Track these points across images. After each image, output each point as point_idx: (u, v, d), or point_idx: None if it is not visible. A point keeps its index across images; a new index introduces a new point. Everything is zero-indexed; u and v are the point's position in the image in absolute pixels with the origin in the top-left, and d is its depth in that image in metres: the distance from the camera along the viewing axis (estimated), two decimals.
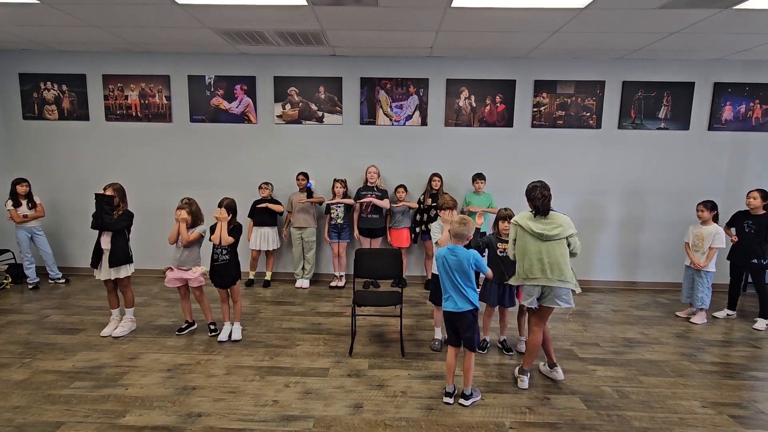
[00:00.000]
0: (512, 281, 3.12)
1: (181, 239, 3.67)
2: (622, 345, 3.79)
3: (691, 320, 4.37)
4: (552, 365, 3.18)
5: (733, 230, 4.50)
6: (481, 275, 3.03)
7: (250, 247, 5.18)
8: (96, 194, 3.56)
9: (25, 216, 4.97)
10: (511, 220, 3.10)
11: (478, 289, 5.22)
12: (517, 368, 3.20)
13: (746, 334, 4.12)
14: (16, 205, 4.94)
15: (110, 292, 3.80)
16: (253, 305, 4.62)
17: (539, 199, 2.96)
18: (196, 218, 3.72)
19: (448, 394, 2.85)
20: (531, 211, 3.01)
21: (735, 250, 4.46)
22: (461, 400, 2.82)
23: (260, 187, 5.16)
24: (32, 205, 5.03)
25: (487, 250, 3.51)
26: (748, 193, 4.35)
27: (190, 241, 3.67)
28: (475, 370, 3.25)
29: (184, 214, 3.62)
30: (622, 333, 4.05)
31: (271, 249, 5.23)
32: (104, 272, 3.67)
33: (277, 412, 2.69)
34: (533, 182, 3.09)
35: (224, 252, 3.64)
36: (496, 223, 3.55)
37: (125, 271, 3.73)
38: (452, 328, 2.86)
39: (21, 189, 4.94)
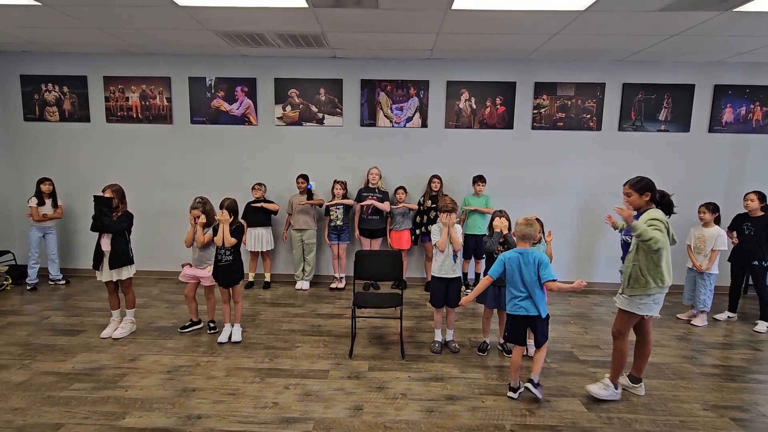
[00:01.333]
0: (656, 295, 2.78)
1: (197, 242, 3.73)
2: None
3: (692, 322, 4.36)
4: (637, 380, 3.03)
5: (734, 233, 4.50)
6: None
7: (246, 249, 5.16)
8: (94, 196, 3.56)
9: (45, 215, 5.02)
10: (657, 217, 2.72)
11: (470, 291, 5.24)
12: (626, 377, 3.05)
13: (747, 336, 4.11)
14: (41, 203, 4.99)
15: (111, 293, 3.80)
16: (253, 307, 4.61)
17: (668, 199, 2.87)
18: (210, 217, 3.78)
19: (513, 389, 2.91)
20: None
21: (735, 251, 4.46)
22: (528, 385, 2.84)
23: (253, 188, 5.16)
24: (55, 205, 5.11)
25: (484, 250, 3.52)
26: (745, 195, 4.36)
27: (205, 243, 3.74)
28: (474, 371, 3.27)
29: (202, 218, 3.70)
30: None
31: (265, 250, 5.22)
32: (105, 274, 3.67)
33: (277, 414, 2.68)
34: (646, 179, 2.82)
35: (227, 253, 3.65)
36: (491, 224, 3.55)
37: (127, 272, 3.74)
38: (522, 328, 2.90)
39: (44, 188, 5.01)
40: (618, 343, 2.91)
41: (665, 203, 2.86)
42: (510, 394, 2.91)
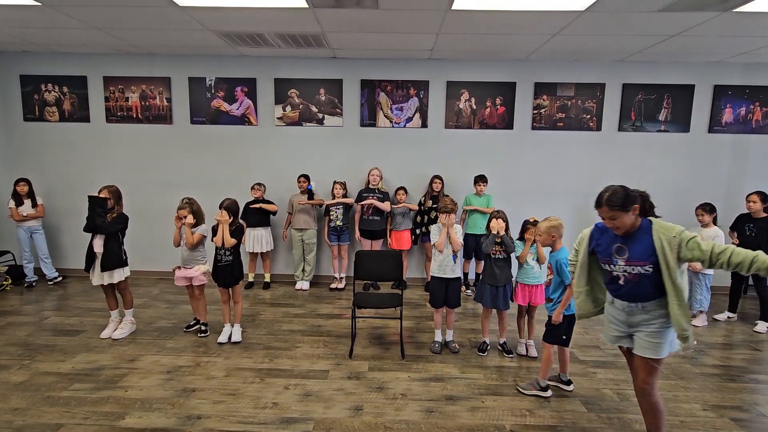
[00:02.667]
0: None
1: (186, 242, 3.69)
2: None
3: (691, 323, 4.35)
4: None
5: (734, 233, 4.48)
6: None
7: (246, 249, 5.16)
8: (89, 196, 3.53)
9: (25, 215, 5.01)
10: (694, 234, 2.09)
11: (470, 291, 5.28)
12: None
13: (747, 336, 4.11)
14: (18, 204, 4.99)
15: (108, 294, 3.79)
16: (253, 307, 4.61)
17: (650, 201, 2.25)
18: (198, 218, 3.74)
19: (546, 389, 2.95)
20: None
21: None
22: (566, 387, 3.03)
23: (253, 188, 5.15)
24: (34, 204, 5.09)
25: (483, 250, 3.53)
26: (747, 196, 4.33)
27: (194, 244, 3.69)
28: (474, 372, 3.28)
29: (190, 218, 3.64)
30: None
31: (265, 250, 5.22)
32: (97, 277, 3.64)
33: (276, 415, 2.68)
34: (622, 189, 2.17)
35: (227, 253, 3.65)
36: (488, 225, 3.56)
37: (119, 275, 3.70)
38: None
39: (20, 188, 5.00)
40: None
41: (648, 207, 2.26)
42: (545, 393, 2.93)
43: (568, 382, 3.05)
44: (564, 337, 2.95)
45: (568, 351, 3.06)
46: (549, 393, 2.93)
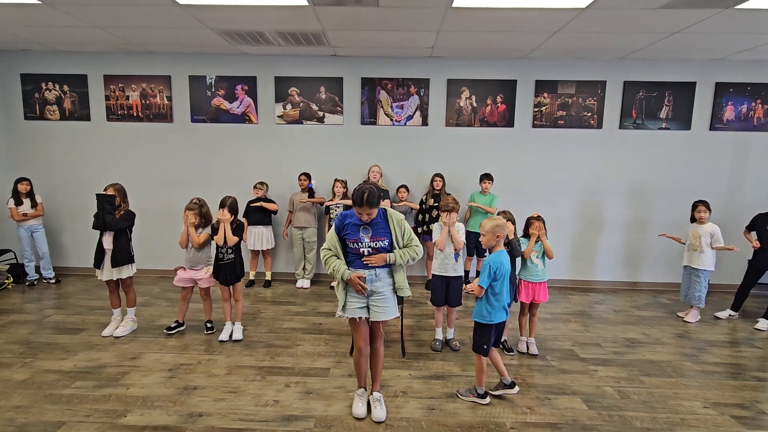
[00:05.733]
0: None
1: (192, 242, 3.69)
2: (623, 345, 3.79)
3: (684, 319, 4.36)
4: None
5: (753, 234, 4.43)
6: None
7: (247, 247, 5.18)
8: (97, 194, 3.56)
9: (25, 214, 5.02)
10: None
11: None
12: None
13: (748, 334, 4.11)
14: (18, 203, 4.99)
15: (112, 292, 3.80)
16: (254, 305, 4.62)
17: None
18: (206, 220, 3.75)
19: (484, 396, 2.85)
20: None
21: (758, 253, 4.37)
22: (511, 390, 2.90)
23: (255, 187, 5.16)
24: (34, 203, 5.09)
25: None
26: None
27: (201, 243, 3.70)
28: (475, 369, 3.27)
29: (191, 217, 3.65)
30: (624, 333, 4.05)
31: (266, 248, 5.23)
32: (106, 272, 3.68)
33: (278, 412, 2.69)
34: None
35: (229, 251, 3.66)
36: None
37: (128, 271, 3.74)
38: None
39: (21, 188, 5.01)
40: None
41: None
42: (483, 401, 2.82)
43: (512, 385, 2.89)
44: (485, 347, 2.78)
45: (495, 357, 2.88)
46: (487, 400, 2.81)
